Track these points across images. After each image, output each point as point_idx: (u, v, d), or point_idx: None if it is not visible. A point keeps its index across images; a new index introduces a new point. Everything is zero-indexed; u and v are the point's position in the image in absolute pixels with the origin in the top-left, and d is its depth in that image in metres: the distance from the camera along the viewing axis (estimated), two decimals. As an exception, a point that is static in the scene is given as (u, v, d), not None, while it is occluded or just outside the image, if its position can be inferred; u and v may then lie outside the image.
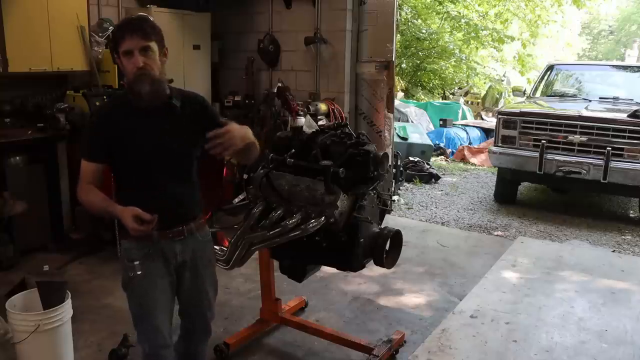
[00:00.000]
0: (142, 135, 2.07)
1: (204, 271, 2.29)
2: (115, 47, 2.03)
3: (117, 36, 2.03)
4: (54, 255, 4.42)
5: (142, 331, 2.19)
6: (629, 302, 3.78)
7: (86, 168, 2.13)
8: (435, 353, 3.08)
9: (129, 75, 2.02)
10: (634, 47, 17.45)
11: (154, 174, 2.12)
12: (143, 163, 2.10)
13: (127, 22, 2.16)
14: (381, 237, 2.62)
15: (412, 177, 7.53)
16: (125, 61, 2.00)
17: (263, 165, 2.70)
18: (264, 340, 3.28)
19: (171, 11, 5.54)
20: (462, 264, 4.57)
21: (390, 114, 5.73)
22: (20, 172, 4.41)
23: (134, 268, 2.09)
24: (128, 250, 2.13)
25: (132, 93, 2.05)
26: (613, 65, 9.26)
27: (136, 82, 2.00)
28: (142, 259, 2.10)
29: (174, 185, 2.15)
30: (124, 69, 2.04)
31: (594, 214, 6.18)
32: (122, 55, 2.00)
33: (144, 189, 2.11)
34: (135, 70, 1.98)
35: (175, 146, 2.12)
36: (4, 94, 4.70)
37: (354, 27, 5.67)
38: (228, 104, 6.12)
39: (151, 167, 2.11)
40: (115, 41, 2.04)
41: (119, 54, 2.02)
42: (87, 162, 2.12)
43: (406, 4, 12.33)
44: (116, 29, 2.12)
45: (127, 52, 1.98)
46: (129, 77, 2.03)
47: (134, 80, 2.00)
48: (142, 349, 2.22)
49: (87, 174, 2.13)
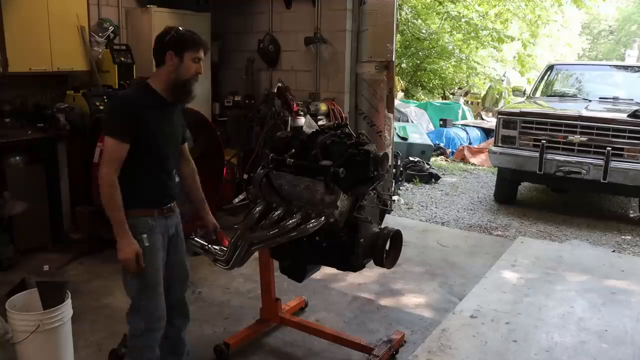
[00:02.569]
0: (160, 125, 2.37)
1: (182, 246, 2.59)
2: (184, 48, 2.30)
3: (195, 41, 2.33)
4: (54, 255, 4.42)
5: (144, 306, 2.38)
6: (629, 302, 3.78)
7: (117, 148, 2.25)
8: (435, 353, 3.08)
9: (187, 75, 2.33)
10: (634, 47, 17.44)
11: (164, 158, 2.42)
12: (158, 148, 2.37)
13: (197, 34, 2.40)
14: (381, 237, 2.62)
15: (412, 177, 7.53)
16: (190, 63, 2.32)
17: (263, 165, 2.70)
18: (264, 340, 3.28)
19: (171, 11, 5.54)
20: (462, 264, 4.57)
21: (390, 114, 5.73)
22: (20, 172, 4.41)
23: (142, 241, 2.31)
24: (134, 226, 2.30)
25: (179, 89, 2.35)
26: (613, 65, 9.25)
27: (192, 83, 2.37)
28: (148, 232, 2.35)
29: (173, 168, 2.50)
30: (182, 68, 2.30)
31: (594, 214, 6.18)
32: (190, 59, 2.31)
33: (155, 171, 2.38)
34: (195, 74, 2.34)
35: (178, 136, 2.53)
36: (4, 94, 4.70)
37: (354, 27, 5.67)
38: (228, 104, 6.12)
39: (162, 152, 2.40)
40: (188, 44, 2.31)
41: (185, 55, 2.29)
42: (118, 142, 2.24)
43: (406, 4, 12.33)
44: (192, 35, 2.36)
45: (198, 58, 2.34)
46: (186, 77, 2.33)
47: (191, 81, 2.36)
48: (137, 327, 2.38)
49: (119, 155, 2.25)
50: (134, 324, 2.42)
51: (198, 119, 4.99)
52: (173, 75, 2.32)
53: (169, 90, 2.36)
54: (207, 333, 3.35)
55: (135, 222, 2.31)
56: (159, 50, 2.33)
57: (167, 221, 2.46)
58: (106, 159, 2.26)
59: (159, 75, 2.36)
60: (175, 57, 2.30)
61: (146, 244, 2.32)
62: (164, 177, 2.43)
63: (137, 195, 2.31)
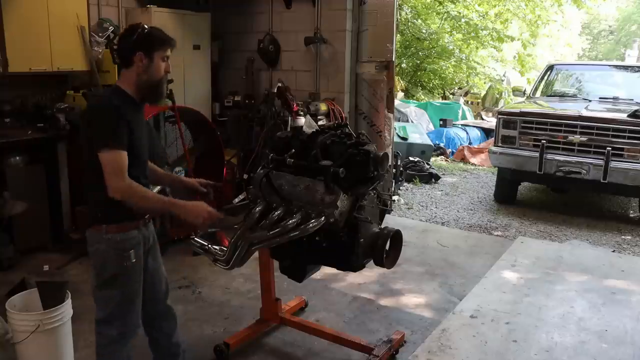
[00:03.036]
0: (141, 130, 2.28)
1: (159, 253, 2.54)
2: (153, 48, 2.21)
3: (164, 40, 2.26)
4: (54, 255, 4.42)
5: (121, 317, 2.31)
6: (629, 302, 3.78)
7: (122, 158, 2.13)
8: (435, 353, 3.08)
9: (159, 76, 2.25)
10: (634, 47, 17.43)
11: (143, 164, 2.35)
12: (141, 154, 2.29)
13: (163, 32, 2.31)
14: (381, 237, 2.62)
15: (412, 177, 7.53)
16: (160, 63, 2.24)
17: (263, 165, 2.70)
18: (264, 340, 3.28)
19: (171, 11, 5.53)
20: (462, 264, 4.57)
21: (390, 114, 5.73)
22: (20, 172, 4.41)
23: (130, 257, 2.25)
24: (122, 242, 2.24)
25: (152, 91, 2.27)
26: (613, 65, 9.25)
27: (164, 83, 2.29)
28: (134, 247, 2.28)
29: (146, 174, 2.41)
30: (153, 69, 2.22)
31: (594, 214, 6.18)
32: (160, 58, 2.23)
33: (137, 179, 2.23)
34: (164, 73, 2.27)
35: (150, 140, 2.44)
36: (4, 94, 4.70)
37: (354, 27, 5.67)
38: (228, 104, 6.12)
39: (143, 159, 2.33)
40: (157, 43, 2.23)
41: (155, 55, 2.21)
42: (120, 152, 2.12)
43: (406, 4, 12.33)
44: (160, 34, 2.28)
45: (167, 57, 2.26)
46: (158, 78, 2.25)
47: (163, 81, 2.28)
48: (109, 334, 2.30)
49: (123, 163, 2.13)
50: (105, 332, 2.31)
51: (198, 119, 5.00)
52: (144, 77, 2.22)
53: (141, 92, 2.25)
54: (207, 333, 3.35)
55: (125, 238, 2.24)
56: (126, 50, 2.22)
57: (148, 230, 2.41)
58: (112, 172, 2.10)
59: (129, 77, 2.23)
60: (145, 57, 2.20)
61: (133, 260, 2.26)
62: (144, 184, 2.31)
63: (122, 207, 2.18)
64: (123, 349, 2.35)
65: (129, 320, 2.34)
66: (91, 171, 2.17)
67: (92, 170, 2.14)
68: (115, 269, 2.25)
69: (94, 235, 2.27)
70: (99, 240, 2.25)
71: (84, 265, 4.33)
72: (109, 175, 2.10)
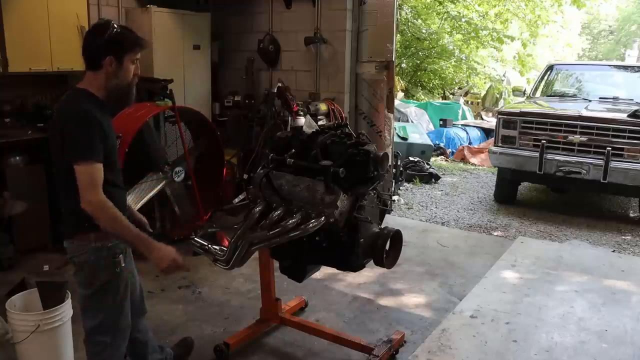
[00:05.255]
0: (113, 134, 2.21)
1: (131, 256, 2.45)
2: (124, 51, 2.12)
3: (135, 42, 2.17)
4: (54, 255, 4.41)
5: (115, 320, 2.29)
6: (629, 302, 3.78)
7: (95, 171, 2.02)
8: (435, 353, 3.08)
9: (129, 79, 2.17)
10: (634, 47, 17.42)
11: (118, 169, 2.27)
12: (114, 162, 2.22)
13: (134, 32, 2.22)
14: (381, 237, 2.62)
15: (412, 177, 7.53)
16: (129, 66, 2.15)
17: (263, 165, 2.70)
18: (264, 340, 3.28)
19: (171, 11, 5.54)
20: (462, 264, 4.57)
21: (390, 114, 5.73)
22: (20, 172, 4.41)
23: (120, 262, 2.23)
24: (112, 248, 2.20)
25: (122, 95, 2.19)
26: (613, 65, 9.25)
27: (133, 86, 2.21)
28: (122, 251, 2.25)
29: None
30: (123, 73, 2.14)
31: (594, 214, 6.18)
32: (130, 61, 2.15)
33: (115, 186, 2.22)
34: (134, 77, 2.19)
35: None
36: (4, 94, 4.71)
37: (354, 27, 5.67)
38: (228, 104, 6.12)
39: (116, 165, 2.24)
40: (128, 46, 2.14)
41: (125, 58, 2.12)
42: (96, 165, 2.02)
43: (406, 4, 12.33)
44: (132, 35, 2.18)
45: (137, 59, 2.18)
46: (127, 82, 2.17)
47: (132, 84, 2.19)
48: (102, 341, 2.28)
49: (99, 176, 2.03)
50: (99, 339, 2.29)
51: (198, 119, 5.00)
52: (115, 81, 2.13)
53: (110, 97, 2.16)
54: (207, 333, 3.35)
55: (114, 244, 2.19)
56: (95, 52, 2.10)
57: None
58: (87, 185, 2.00)
59: (97, 80, 2.12)
60: (115, 61, 2.10)
61: (123, 264, 2.24)
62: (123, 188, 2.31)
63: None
64: (116, 352, 2.34)
65: (122, 323, 2.33)
66: (65, 177, 2.07)
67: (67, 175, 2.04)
68: (107, 276, 2.22)
69: (81, 246, 2.18)
70: (87, 250, 2.18)
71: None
72: (83, 187, 2.00)
